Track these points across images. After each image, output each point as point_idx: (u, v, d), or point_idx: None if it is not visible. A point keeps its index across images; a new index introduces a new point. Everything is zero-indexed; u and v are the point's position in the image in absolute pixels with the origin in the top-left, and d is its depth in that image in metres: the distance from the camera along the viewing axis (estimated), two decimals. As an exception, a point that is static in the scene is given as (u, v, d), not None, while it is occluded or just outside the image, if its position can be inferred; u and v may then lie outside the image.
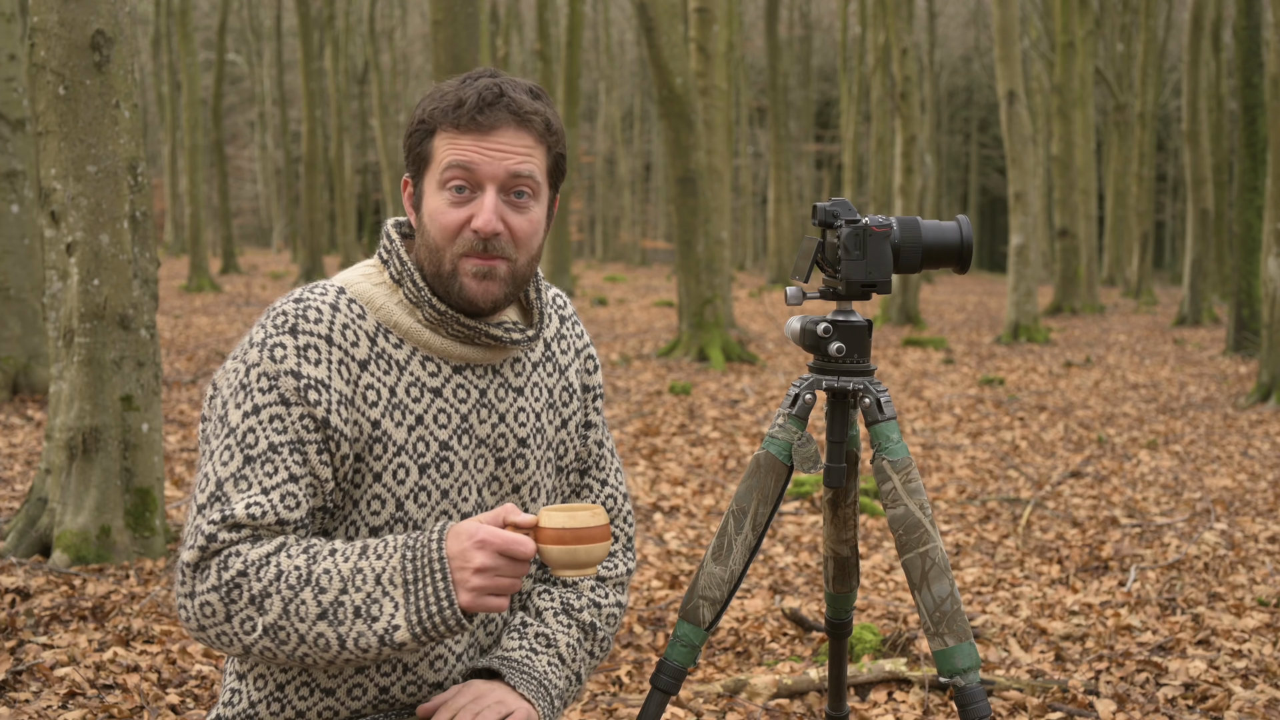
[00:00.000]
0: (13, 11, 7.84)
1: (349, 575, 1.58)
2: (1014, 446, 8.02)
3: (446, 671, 1.78)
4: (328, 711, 1.74)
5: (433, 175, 1.71)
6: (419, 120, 1.72)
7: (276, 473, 1.63)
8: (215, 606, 1.59)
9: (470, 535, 1.56)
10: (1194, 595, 4.61)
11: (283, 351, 1.66)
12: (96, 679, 3.42)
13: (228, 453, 1.64)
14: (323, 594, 1.57)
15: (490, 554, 1.55)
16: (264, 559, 1.59)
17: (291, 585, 1.57)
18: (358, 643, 1.57)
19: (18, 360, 7.91)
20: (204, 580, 1.60)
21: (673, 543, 5.31)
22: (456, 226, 1.69)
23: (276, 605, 1.57)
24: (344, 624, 1.57)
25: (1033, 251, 15.92)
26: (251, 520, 1.61)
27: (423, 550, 1.58)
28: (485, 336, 1.74)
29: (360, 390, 1.69)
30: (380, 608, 1.57)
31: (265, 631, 1.58)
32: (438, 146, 1.70)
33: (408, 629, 1.56)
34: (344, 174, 28.10)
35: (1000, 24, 15.89)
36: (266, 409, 1.64)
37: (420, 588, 1.57)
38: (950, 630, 1.94)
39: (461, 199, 1.69)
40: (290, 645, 1.58)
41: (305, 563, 1.59)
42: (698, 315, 12.16)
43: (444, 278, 1.71)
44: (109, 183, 4.53)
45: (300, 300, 1.70)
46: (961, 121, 50.63)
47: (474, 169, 1.68)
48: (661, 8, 11.66)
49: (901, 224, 2.02)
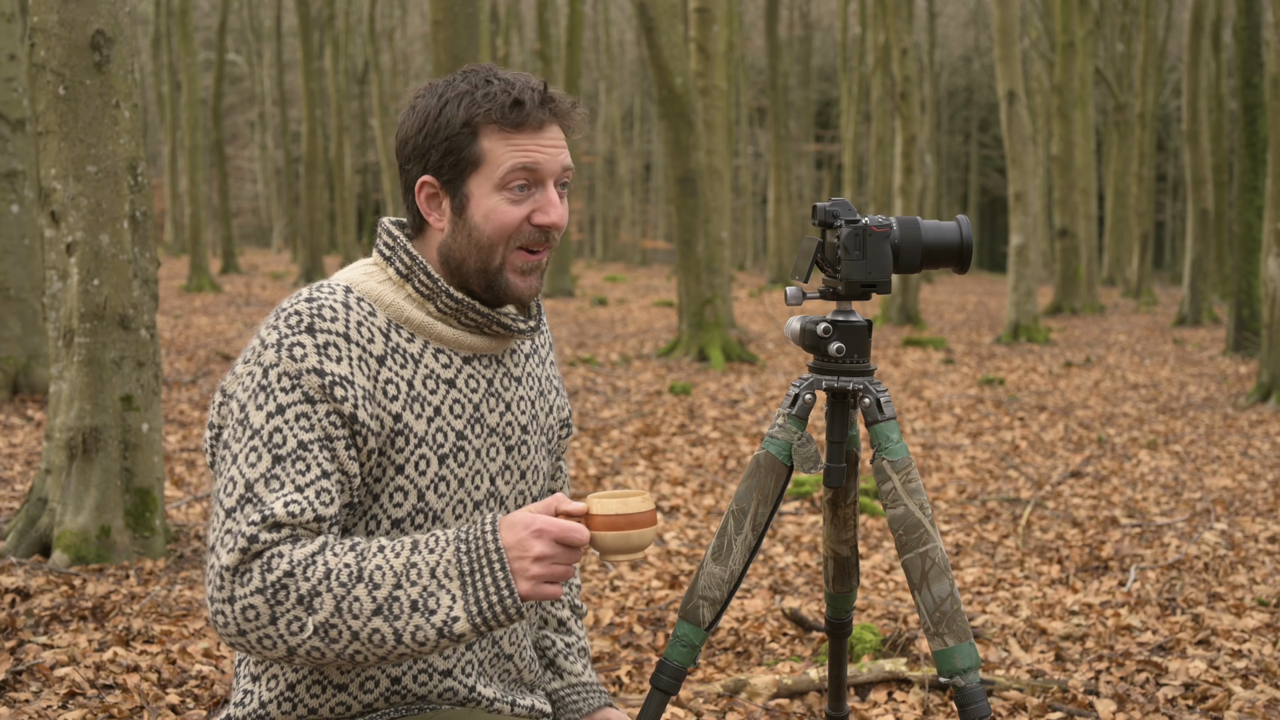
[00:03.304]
0: (13, 11, 7.84)
1: (402, 570, 1.58)
2: (1014, 446, 8.03)
3: (456, 659, 1.79)
4: (340, 708, 1.75)
5: (486, 177, 1.72)
6: (461, 123, 1.71)
7: (309, 470, 1.63)
8: (260, 609, 1.57)
9: (527, 525, 1.59)
10: (1194, 595, 4.62)
11: (303, 350, 1.66)
12: (96, 679, 3.42)
13: (254, 454, 1.63)
14: (377, 590, 1.57)
15: (548, 542, 1.58)
16: (309, 558, 1.58)
17: (343, 583, 1.57)
18: (415, 636, 1.58)
19: (18, 360, 7.91)
20: (246, 584, 1.58)
21: (673, 543, 5.31)
22: (518, 224, 1.73)
23: (328, 604, 1.57)
24: (400, 618, 1.57)
25: (1033, 251, 15.92)
26: (291, 518, 1.60)
27: (477, 542, 1.60)
28: (496, 325, 1.78)
29: (380, 385, 1.70)
30: (438, 600, 1.58)
31: (316, 631, 1.57)
32: (490, 148, 1.71)
33: (467, 619, 1.58)
34: (344, 174, 28.11)
35: (1000, 24, 15.89)
36: (292, 408, 1.64)
37: (478, 579, 1.58)
38: (950, 630, 1.94)
39: (522, 196, 1.73)
40: (341, 643, 1.58)
41: (355, 560, 1.59)
42: (698, 315, 12.16)
43: (489, 274, 1.74)
44: (109, 183, 4.53)
45: (312, 300, 1.70)
46: (961, 121, 50.63)
47: (539, 168, 1.72)
48: (661, 8, 11.66)
49: (901, 224, 2.02)
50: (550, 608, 2.07)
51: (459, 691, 1.80)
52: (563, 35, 22.16)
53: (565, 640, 2.06)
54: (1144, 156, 26.26)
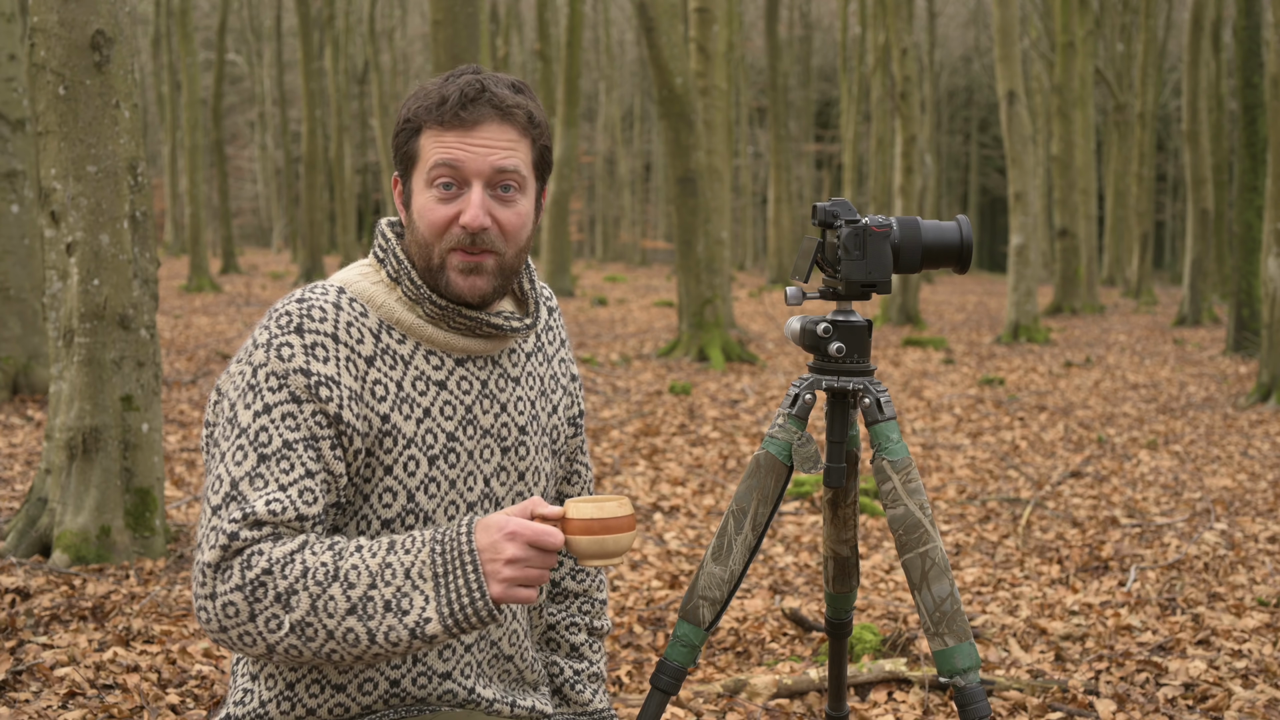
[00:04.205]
0: (13, 11, 7.84)
1: (377, 570, 1.58)
2: (1014, 446, 8.03)
3: (455, 661, 1.79)
4: (339, 708, 1.75)
5: (420, 173, 1.74)
6: (404, 119, 1.74)
7: (293, 469, 1.63)
8: (239, 606, 1.58)
9: (500, 528, 1.58)
10: (1194, 595, 4.61)
11: (290, 350, 1.67)
12: (96, 679, 3.42)
13: (240, 452, 1.64)
14: (351, 589, 1.57)
15: (520, 545, 1.57)
16: (288, 556, 1.59)
17: (319, 581, 1.58)
18: (388, 636, 1.58)
19: (18, 360, 7.91)
20: (226, 580, 1.59)
21: (673, 543, 5.31)
22: (445, 223, 1.72)
23: (304, 602, 1.57)
24: (374, 618, 1.57)
25: (1033, 251, 15.92)
26: (272, 516, 1.60)
27: (451, 544, 1.59)
28: (487, 327, 1.77)
29: (368, 386, 1.71)
30: (411, 601, 1.58)
31: (292, 629, 1.58)
32: (424, 145, 1.73)
33: (439, 621, 1.57)
34: (344, 174, 28.11)
35: (1000, 24, 15.89)
36: (278, 407, 1.65)
37: (451, 580, 1.58)
38: (950, 630, 1.94)
39: (449, 195, 1.72)
40: (318, 642, 1.58)
41: (331, 559, 1.59)
42: (698, 315, 12.16)
43: (433, 272, 1.74)
44: (109, 183, 4.53)
45: (303, 300, 1.71)
46: (961, 121, 50.62)
47: (460, 166, 1.71)
48: (661, 8, 11.66)
49: (901, 224, 2.02)
50: (564, 632, 2.05)
51: (458, 693, 1.80)
52: (563, 35, 22.15)
53: (575, 667, 2.04)
54: (1144, 156, 26.26)
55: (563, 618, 2.05)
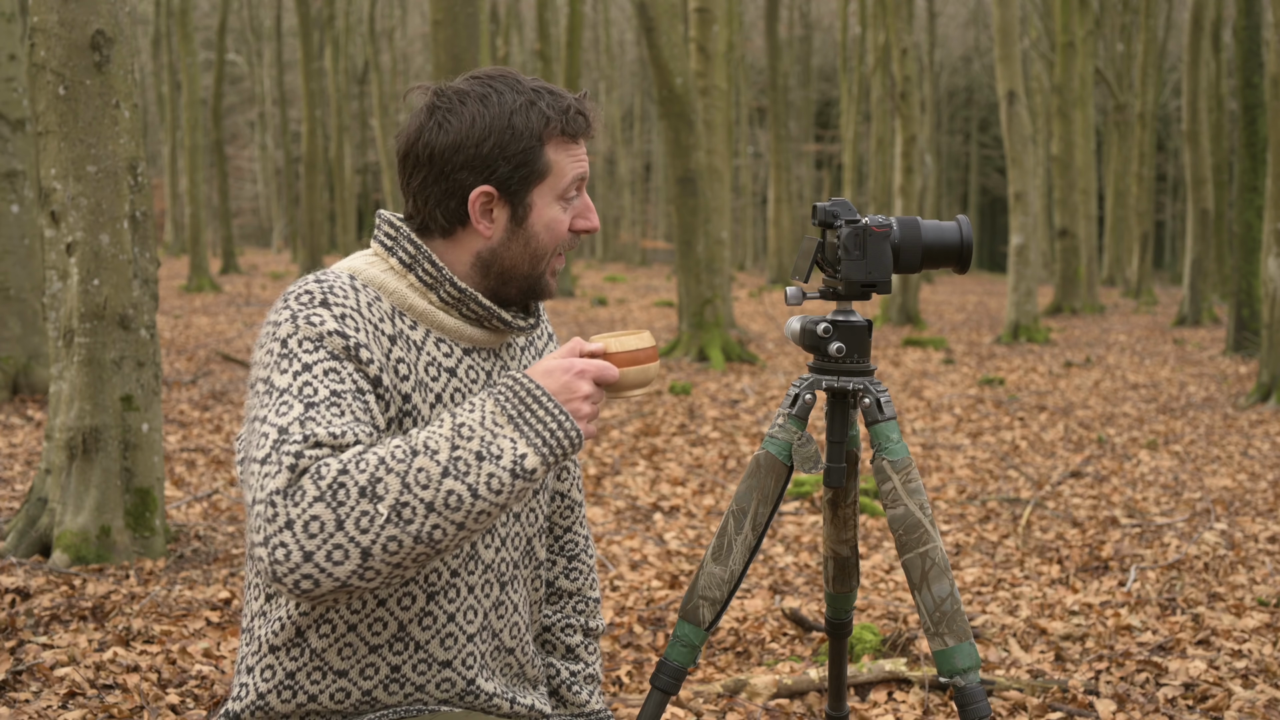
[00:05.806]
0: (13, 11, 7.84)
1: (451, 434, 1.56)
2: (1014, 446, 8.03)
3: (456, 650, 1.79)
4: (340, 694, 1.75)
5: (552, 187, 1.76)
6: (535, 136, 1.72)
7: (344, 415, 1.58)
8: (323, 517, 1.49)
9: (565, 369, 1.63)
10: (1194, 595, 4.61)
11: (320, 318, 1.63)
12: (96, 679, 3.42)
13: (284, 405, 1.57)
14: (436, 455, 1.54)
15: (589, 382, 1.63)
16: (357, 455, 1.53)
17: (400, 459, 1.53)
18: (489, 485, 1.55)
19: (18, 360, 7.91)
20: (300, 500, 1.49)
21: (673, 543, 5.31)
22: (567, 232, 1.80)
23: (394, 485, 1.51)
24: (470, 472, 1.54)
25: (1033, 251, 15.92)
26: (333, 439, 1.55)
27: (513, 389, 1.61)
28: (496, 319, 1.79)
29: (392, 363, 1.70)
30: (499, 446, 1.57)
31: (389, 517, 1.50)
32: (555, 159, 1.75)
33: (535, 453, 1.58)
34: (344, 174, 28.13)
35: (1000, 24, 15.89)
36: (319, 364, 1.60)
37: (530, 417, 1.60)
38: (950, 630, 1.94)
39: (569, 205, 1.79)
40: (418, 520, 1.52)
41: (402, 440, 1.55)
42: (698, 315, 12.16)
43: (534, 279, 1.80)
44: (109, 183, 4.53)
45: (321, 280, 1.68)
46: (961, 121, 50.63)
47: (587, 177, 1.80)
48: (661, 8, 11.66)
49: (901, 224, 2.02)
50: (560, 634, 2.05)
51: (456, 684, 1.80)
52: (563, 35, 22.16)
53: (571, 669, 2.04)
54: (1144, 156, 26.26)
55: (558, 619, 2.05)
